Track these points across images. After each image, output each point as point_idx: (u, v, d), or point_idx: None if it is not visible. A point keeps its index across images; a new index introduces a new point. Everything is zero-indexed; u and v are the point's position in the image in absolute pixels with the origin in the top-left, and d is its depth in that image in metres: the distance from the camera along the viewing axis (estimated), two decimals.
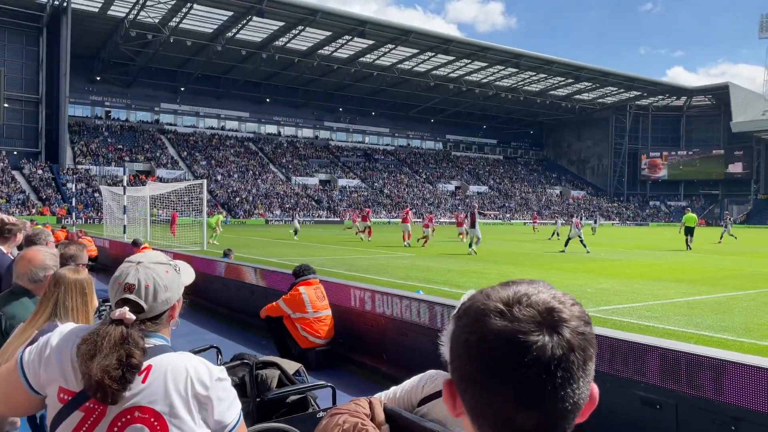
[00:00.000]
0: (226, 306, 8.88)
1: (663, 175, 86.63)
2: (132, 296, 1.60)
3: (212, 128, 71.06)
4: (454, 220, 34.76)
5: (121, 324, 1.55)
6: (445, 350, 1.90)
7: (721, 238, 29.78)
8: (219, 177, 60.60)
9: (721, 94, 79.15)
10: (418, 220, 35.32)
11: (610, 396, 3.71)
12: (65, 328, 1.67)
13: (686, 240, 24.70)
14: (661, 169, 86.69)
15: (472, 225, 21.03)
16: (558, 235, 33.23)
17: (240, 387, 2.82)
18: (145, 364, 1.55)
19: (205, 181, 23.32)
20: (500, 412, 0.67)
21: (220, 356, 3.19)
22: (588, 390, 0.70)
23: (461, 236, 30.39)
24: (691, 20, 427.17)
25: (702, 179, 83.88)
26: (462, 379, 0.70)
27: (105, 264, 15.05)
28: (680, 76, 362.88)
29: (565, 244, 22.48)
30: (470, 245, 20.90)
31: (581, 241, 22.02)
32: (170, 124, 68.65)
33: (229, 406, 1.64)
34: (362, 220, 29.00)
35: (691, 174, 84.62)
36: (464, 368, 0.70)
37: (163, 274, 1.66)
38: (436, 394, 1.83)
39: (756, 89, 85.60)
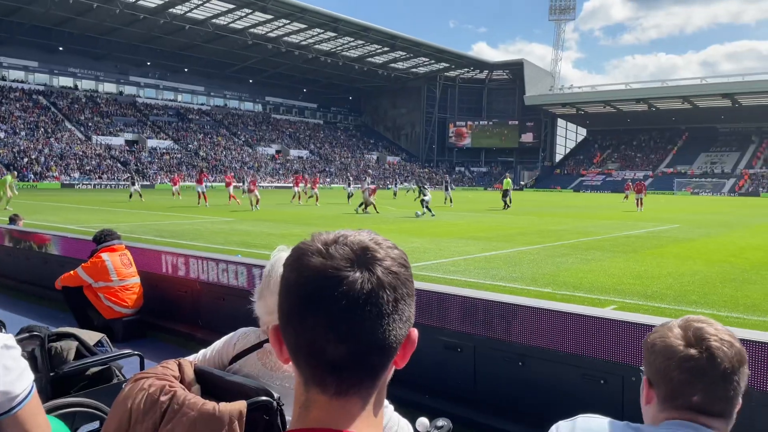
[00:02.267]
0: (12, 278, 7.89)
1: (467, 143, 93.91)
2: None
3: None
4: (284, 184, 36.01)
5: None
6: (256, 306, 1.90)
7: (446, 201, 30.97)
8: (2, 135, 52.85)
9: (516, 69, 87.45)
10: (239, 184, 34.79)
11: (418, 343, 4.00)
12: None
13: (504, 201, 27.91)
14: (466, 137, 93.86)
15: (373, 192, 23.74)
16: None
17: (30, 361, 2.52)
18: None
19: None
20: (312, 344, 0.69)
21: (3, 330, 2.82)
22: (404, 331, 0.73)
23: (295, 198, 30.45)
24: None
25: (500, 147, 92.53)
26: (282, 317, 0.73)
27: None
28: (484, 51, 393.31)
29: (427, 209, 22.29)
30: (361, 206, 23.96)
31: (425, 203, 22.49)
32: None
33: (19, 376, 1.49)
34: (312, 187, 30.53)
35: (490, 142, 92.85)
36: (284, 305, 0.72)
37: None
38: (249, 350, 1.82)
39: (546, 67, 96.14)
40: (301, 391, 0.74)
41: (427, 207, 22.46)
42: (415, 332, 0.75)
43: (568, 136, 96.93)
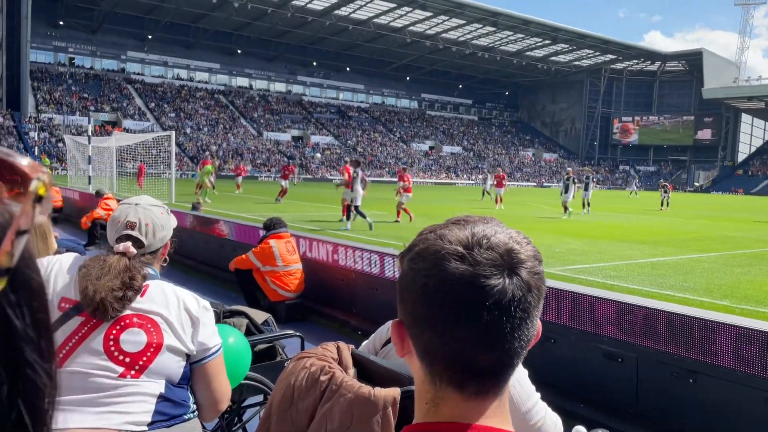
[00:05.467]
0: (193, 258, 8.79)
1: (634, 139, 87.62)
2: (134, 233, 1.83)
3: (181, 79, 69.08)
4: (437, 180, 34.04)
5: (124, 256, 1.76)
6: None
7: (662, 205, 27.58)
8: (188, 130, 59.29)
9: (694, 60, 79.69)
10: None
11: (574, 350, 3.79)
12: (69, 255, 1.87)
13: None
14: (633, 133, 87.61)
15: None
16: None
17: None
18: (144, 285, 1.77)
19: (173, 133, 22.78)
20: (459, 353, 0.67)
21: None
22: (536, 326, 0.71)
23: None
24: None
25: (671, 145, 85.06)
26: (417, 321, 0.69)
27: (69, 215, 14.76)
28: (657, 40, 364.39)
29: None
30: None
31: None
32: (137, 74, 66.48)
33: (212, 334, 1.84)
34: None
35: (661, 139, 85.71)
36: (420, 311, 0.69)
37: (159, 215, 1.90)
38: None
39: (729, 56, 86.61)
40: (428, 388, 0.70)
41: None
42: (540, 324, 0.73)
43: (754, 134, 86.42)
